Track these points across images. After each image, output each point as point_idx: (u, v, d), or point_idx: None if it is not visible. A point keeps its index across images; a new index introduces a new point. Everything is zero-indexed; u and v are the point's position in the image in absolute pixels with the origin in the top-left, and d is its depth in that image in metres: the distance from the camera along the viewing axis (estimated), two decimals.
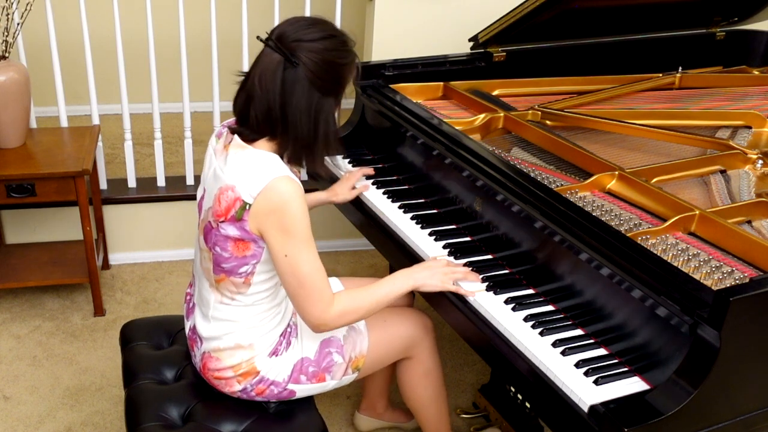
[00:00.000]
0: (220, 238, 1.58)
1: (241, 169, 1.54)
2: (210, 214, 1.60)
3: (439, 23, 3.01)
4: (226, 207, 1.55)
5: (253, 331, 1.67)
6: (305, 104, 1.53)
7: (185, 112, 3.08)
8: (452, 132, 2.03)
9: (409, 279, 1.72)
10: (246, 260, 1.59)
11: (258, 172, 1.52)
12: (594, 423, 1.35)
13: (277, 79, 1.51)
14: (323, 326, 1.62)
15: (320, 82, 1.53)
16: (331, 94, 1.57)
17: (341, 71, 1.57)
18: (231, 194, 1.53)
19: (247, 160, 1.55)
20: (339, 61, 1.55)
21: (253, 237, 1.55)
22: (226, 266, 1.60)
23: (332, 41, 1.55)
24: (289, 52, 1.51)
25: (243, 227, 1.54)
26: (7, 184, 2.57)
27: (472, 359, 2.65)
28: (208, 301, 1.68)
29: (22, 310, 2.83)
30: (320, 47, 1.52)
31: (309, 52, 1.51)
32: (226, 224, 1.56)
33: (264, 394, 1.71)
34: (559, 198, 1.69)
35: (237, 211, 1.53)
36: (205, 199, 1.64)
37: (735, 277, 1.51)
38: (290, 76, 1.51)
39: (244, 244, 1.57)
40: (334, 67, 1.54)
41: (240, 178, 1.53)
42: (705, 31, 2.84)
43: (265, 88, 1.52)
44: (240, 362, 1.68)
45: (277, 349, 1.70)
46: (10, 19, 2.71)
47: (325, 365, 1.75)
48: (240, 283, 1.61)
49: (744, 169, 1.97)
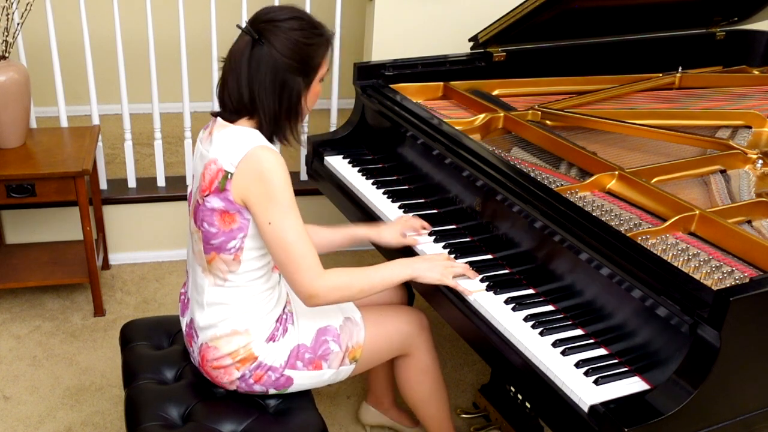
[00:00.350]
0: (207, 213, 1.61)
1: (223, 144, 1.59)
2: (197, 193, 1.64)
3: (439, 23, 3.01)
4: (210, 179, 1.59)
5: (248, 315, 1.69)
6: (270, 80, 1.58)
7: (185, 112, 3.08)
8: (452, 132, 2.03)
9: (408, 268, 1.73)
10: (233, 234, 1.61)
11: (238, 143, 1.57)
12: (594, 423, 1.35)
13: (244, 57, 1.58)
14: (315, 297, 1.62)
15: (286, 60, 1.57)
16: (299, 73, 1.60)
17: (308, 51, 1.60)
18: (214, 167, 1.58)
19: (229, 134, 1.60)
20: (305, 40, 1.59)
21: (238, 207, 1.59)
22: (215, 242, 1.63)
23: (299, 22, 1.60)
24: (258, 32, 1.57)
25: (227, 197, 1.58)
26: (7, 184, 2.57)
27: (472, 359, 2.65)
28: (202, 287, 1.70)
29: (22, 310, 2.83)
30: (287, 26, 1.58)
31: (277, 30, 1.57)
32: (211, 197, 1.59)
33: (262, 380, 1.72)
34: (559, 198, 1.69)
35: (220, 182, 1.57)
36: (193, 183, 1.68)
37: (735, 277, 1.51)
38: (257, 54, 1.58)
39: (229, 217, 1.60)
40: (299, 46, 1.58)
41: (222, 150, 1.58)
42: (705, 31, 2.84)
43: (236, 68, 1.59)
44: (237, 348, 1.69)
45: (274, 335, 1.72)
46: (10, 19, 2.71)
47: (322, 353, 1.76)
48: (230, 260, 1.64)
49: (744, 169, 1.97)
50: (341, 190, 2.24)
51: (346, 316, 1.82)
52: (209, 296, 1.69)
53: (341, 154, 2.34)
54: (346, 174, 2.25)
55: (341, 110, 3.25)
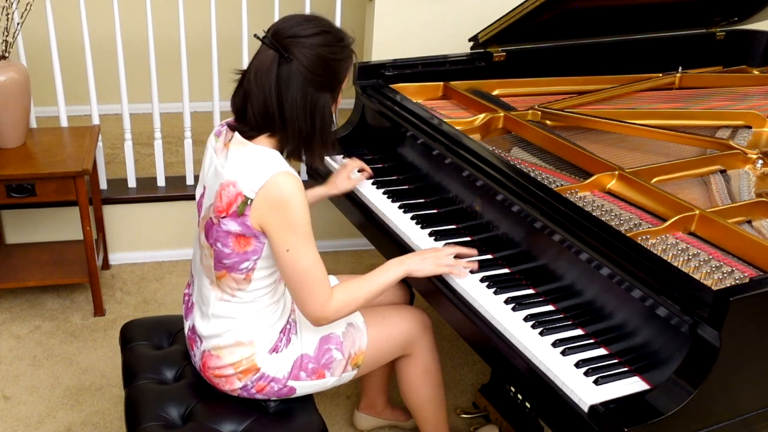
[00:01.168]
0: (222, 234, 1.59)
1: (242, 165, 1.55)
2: (211, 211, 1.60)
3: (439, 23, 3.01)
4: (228, 202, 1.55)
5: (253, 327, 1.68)
6: (300, 99, 1.55)
7: (185, 112, 3.08)
8: (452, 132, 2.03)
9: (402, 265, 1.74)
10: (247, 256, 1.59)
11: (259, 168, 1.53)
12: (594, 423, 1.35)
13: (272, 74, 1.53)
14: (323, 320, 1.63)
15: (314, 77, 1.54)
16: (327, 89, 1.58)
17: (335, 66, 1.58)
18: (232, 189, 1.55)
19: (248, 156, 1.56)
20: (333, 56, 1.56)
21: (254, 232, 1.56)
22: (227, 262, 1.61)
23: (326, 37, 1.56)
24: (284, 48, 1.53)
25: (244, 222, 1.55)
26: (7, 184, 2.57)
27: (472, 359, 2.65)
28: (208, 298, 1.68)
29: (22, 310, 2.83)
30: (314, 42, 1.54)
31: (303, 47, 1.53)
32: (228, 220, 1.56)
33: (264, 391, 1.71)
34: (559, 198, 1.69)
35: (239, 206, 1.54)
36: (206, 196, 1.64)
37: (735, 277, 1.51)
38: (285, 72, 1.53)
39: (245, 240, 1.58)
40: (328, 63, 1.56)
41: (241, 173, 1.54)
42: (705, 31, 2.84)
43: (261, 85, 1.54)
44: (240, 359, 1.68)
45: (277, 346, 1.71)
46: (10, 19, 2.71)
47: (325, 362, 1.75)
48: (241, 279, 1.62)
49: (744, 169, 1.97)
50: None
51: (349, 323, 1.81)
52: (215, 309, 1.68)
53: (341, 154, 2.34)
54: None
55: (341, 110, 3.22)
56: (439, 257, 1.76)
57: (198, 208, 1.70)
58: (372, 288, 1.70)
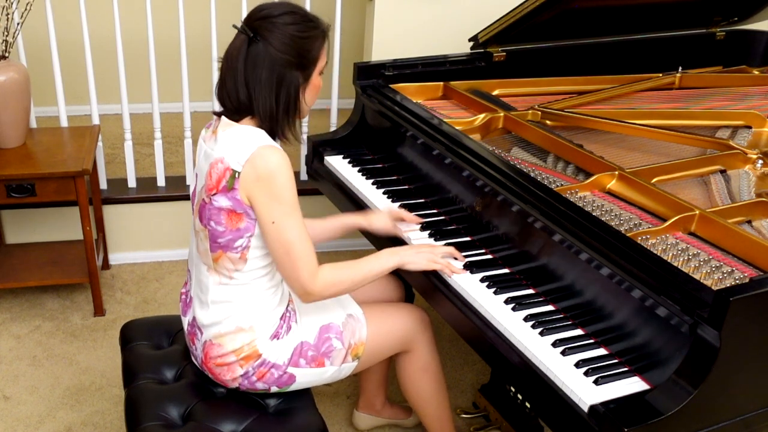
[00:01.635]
0: (214, 212, 1.62)
1: (229, 142, 1.60)
2: (203, 192, 1.64)
3: (439, 23, 3.01)
4: (217, 178, 1.59)
5: (252, 312, 1.69)
6: (266, 77, 1.58)
7: (185, 112, 3.08)
8: (452, 132, 2.03)
9: (395, 256, 1.76)
10: (240, 233, 1.62)
11: (245, 142, 1.58)
12: (594, 423, 1.35)
13: (241, 55, 1.58)
14: (310, 295, 1.65)
15: (282, 55, 1.58)
16: (296, 67, 1.61)
17: (304, 45, 1.61)
18: (221, 166, 1.59)
19: (235, 134, 1.61)
20: (300, 34, 1.59)
21: (245, 207, 1.59)
22: (221, 240, 1.63)
23: (293, 16, 1.60)
24: (253, 30, 1.58)
25: (234, 197, 1.59)
26: (7, 184, 2.57)
27: (472, 359, 2.65)
28: (206, 285, 1.70)
29: (22, 310, 2.83)
30: (281, 22, 1.58)
31: (272, 27, 1.57)
32: (218, 195, 1.60)
33: (265, 377, 1.72)
34: (559, 198, 1.69)
35: (228, 181, 1.58)
36: (198, 182, 1.68)
37: (735, 277, 1.51)
38: (253, 51, 1.58)
39: (236, 216, 1.60)
40: (295, 40, 1.59)
41: (228, 149, 1.59)
42: (705, 31, 2.84)
43: (232, 67, 1.59)
44: (242, 345, 1.69)
45: (278, 333, 1.72)
46: (10, 19, 2.71)
47: (325, 350, 1.76)
48: (236, 258, 1.64)
49: (744, 169, 1.97)
50: (341, 189, 2.24)
51: (348, 313, 1.82)
52: (214, 294, 1.69)
53: (341, 154, 2.34)
54: (346, 174, 2.25)
55: (341, 110, 3.24)
56: (434, 253, 1.78)
57: (192, 197, 1.74)
58: (362, 272, 1.71)
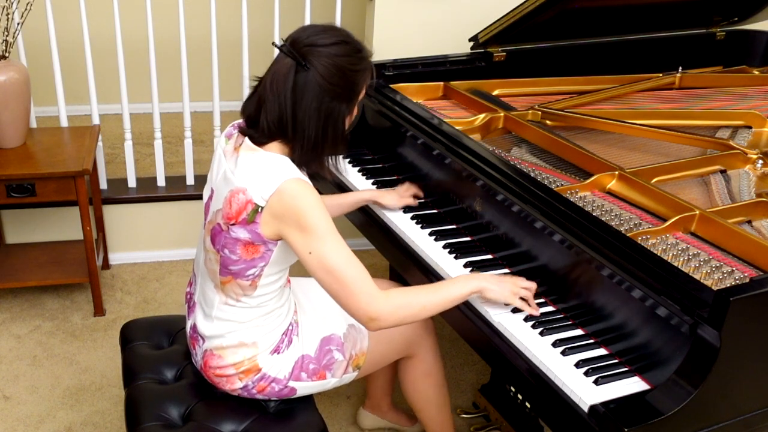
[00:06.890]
0: (230, 241, 1.58)
1: (252, 172, 1.54)
2: (219, 216, 1.59)
3: (439, 23, 3.01)
4: (237, 210, 1.54)
5: (257, 329, 1.67)
6: (315, 107, 1.54)
7: (185, 112, 3.08)
8: (452, 132, 2.03)
9: (474, 280, 1.63)
10: (254, 263, 1.59)
11: (269, 175, 1.52)
12: (594, 423, 1.35)
13: (288, 82, 1.52)
14: (377, 320, 1.54)
15: (331, 87, 1.53)
16: (343, 99, 1.57)
17: (353, 77, 1.57)
18: (242, 197, 1.53)
19: (258, 162, 1.55)
20: (351, 67, 1.55)
21: (264, 240, 1.55)
22: (233, 268, 1.60)
23: (344, 47, 1.55)
24: (301, 56, 1.52)
25: (254, 230, 1.54)
26: (7, 184, 2.57)
27: (472, 359, 2.65)
28: (212, 301, 1.68)
29: (22, 310, 2.83)
30: (332, 52, 1.53)
31: (321, 56, 1.52)
32: (237, 227, 1.55)
33: (265, 391, 1.71)
34: (559, 198, 1.69)
35: (249, 215, 1.53)
36: (214, 200, 1.63)
37: (735, 277, 1.51)
38: (301, 80, 1.52)
39: (253, 248, 1.57)
40: (345, 73, 1.54)
41: (251, 180, 1.53)
42: (705, 31, 2.84)
43: (277, 92, 1.53)
44: (242, 360, 1.68)
45: (279, 347, 1.70)
46: (10, 19, 2.71)
47: (326, 363, 1.75)
48: (246, 285, 1.61)
49: (744, 169, 1.97)
50: (341, 190, 2.24)
51: (350, 323, 1.80)
52: (219, 312, 1.67)
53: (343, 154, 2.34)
54: (345, 174, 2.25)
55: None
56: (516, 285, 1.63)
57: (205, 209, 1.68)
58: (435, 298, 1.59)
